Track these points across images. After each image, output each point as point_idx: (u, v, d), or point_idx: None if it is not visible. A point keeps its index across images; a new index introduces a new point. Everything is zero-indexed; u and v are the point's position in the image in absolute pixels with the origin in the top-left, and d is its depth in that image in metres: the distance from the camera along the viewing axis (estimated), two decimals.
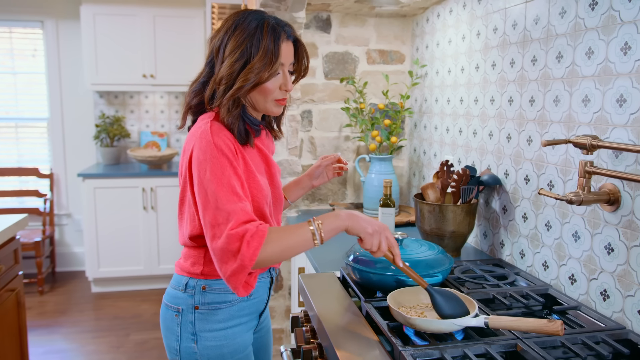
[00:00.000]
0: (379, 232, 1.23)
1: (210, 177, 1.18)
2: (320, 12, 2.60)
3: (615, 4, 1.29)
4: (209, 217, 1.17)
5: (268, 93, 1.28)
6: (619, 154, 1.28)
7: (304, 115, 2.65)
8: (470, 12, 2.03)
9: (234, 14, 1.29)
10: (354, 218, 1.23)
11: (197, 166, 1.20)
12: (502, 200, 1.82)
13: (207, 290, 1.33)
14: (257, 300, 1.41)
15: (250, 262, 1.13)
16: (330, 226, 1.21)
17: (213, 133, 1.21)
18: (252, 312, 1.41)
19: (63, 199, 4.79)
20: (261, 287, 1.42)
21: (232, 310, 1.36)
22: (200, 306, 1.33)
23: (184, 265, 1.37)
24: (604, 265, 1.34)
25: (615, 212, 1.30)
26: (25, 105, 4.70)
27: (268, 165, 1.38)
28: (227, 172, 1.18)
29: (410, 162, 2.72)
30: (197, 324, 1.33)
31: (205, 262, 1.33)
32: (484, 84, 1.94)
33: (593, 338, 1.18)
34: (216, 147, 1.19)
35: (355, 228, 1.22)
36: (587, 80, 1.39)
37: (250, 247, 1.12)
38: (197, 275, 1.34)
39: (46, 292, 4.31)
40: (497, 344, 1.13)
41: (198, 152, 1.21)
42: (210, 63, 1.30)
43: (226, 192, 1.16)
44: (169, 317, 1.37)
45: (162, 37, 4.34)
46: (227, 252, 1.14)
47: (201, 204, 1.19)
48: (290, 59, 1.31)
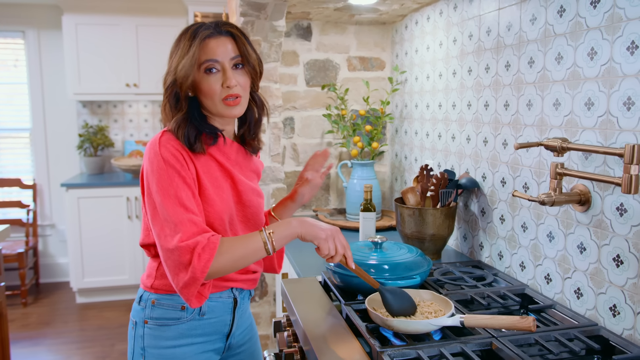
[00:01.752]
0: (332, 236, 1.25)
1: (157, 189, 1.19)
2: (300, 21, 2.63)
3: (581, 11, 1.33)
4: (157, 229, 1.18)
5: (210, 93, 1.25)
6: (589, 155, 1.32)
7: (286, 123, 2.67)
8: (447, 19, 2.07)
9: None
10: (305, 225, 1.24)
11: (146, 178, 1.23)
12: (480, 203, 1.86)
13: (155, 304, 1.32)
14: (214, 321, 1.35)
15: (202, 274, 1.13)
16: (281, 234, 1.23)
17: (161, 144, 1.22)
18: (208, 333, 1.35)
19: (46, 210, 4.75)
20: (219, 308, 1.36)
21: (181, 328, 1.32)
22: (149, 321, 1.31)
23: (142, 277, 1.38)
24: (577, 264, 1.38)
25: (586, 212, 1.34)
26: (7, 115, 4.67)
27: (234, 182, 1.33)
28: (174, 183, 1.19)
29: (392, 167, 2.76)
30: (145, 338, 1.32)
31: (157, 276, 1.32)
32: (461, 89, 1.98)
33: (566, 335, 1.22)
34: (163, 159, 1.20)
35: (308, 234, 1.24)
36: (558, 84, 1.43)
37: (201, 259, 1.13)
38: (149, 289, 1.33)
39: (30, 303, 4.27)
40: (472, 343, 1.15)
41: (146, 164, 1.23)
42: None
43: (172, 204, 1.17)
44: (129, 328, 1.38)
45: (145, 46, 4.34)
46: (179, 264, 1.14)
47: (150, 215, 1.21)
48: (229, 54, 1.25)
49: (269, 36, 2.35)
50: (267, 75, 2.48)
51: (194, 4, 4.02)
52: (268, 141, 2.53)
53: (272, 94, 2.51)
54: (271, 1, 2.11)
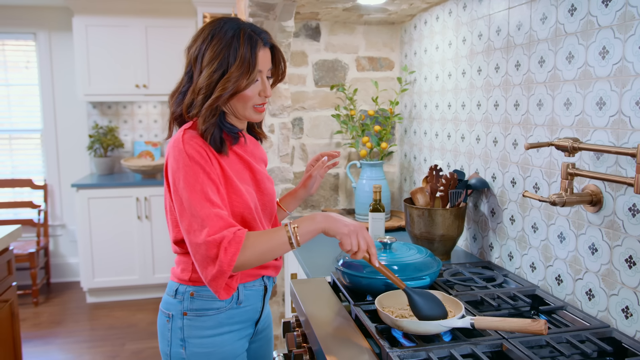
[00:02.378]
0: (355, 231, 1.25)
1: (184, 185, 1.20)
2: (309, 21, 2.63)
3: (593, 10, 1.32)
4: (185, 225, 1.21)
5: (247, 100, 1.30)
6: (600, 155, 1.31)
7: (295, 123, 2.68)
8: (456, 18, 2.06)
9: (210, 23, 1.30)
10: (329, 219, 1.25)
11: (172, 175, 1.24)
12: (490, 204, 1.85)
13: (195, 296, 1.35)
14: (248, 309, 1.41)
15: (229, 268, 1.16)
16: (306, 229, 1.24)
17: (184, 141, 1.23)
18: (243, 320, 1.41)
19: (57, 210, 4.79)
20: (253, 296, 1.42)
21: (220, 317, 1.36)
22: (188, 312, 1.35)
23: (175, 272, 1.40)
24: (589, 265, 1.37)
25: (597, 212, 1.33)
26: (18, 117, 4.72)
27: (252, 172, 1.39)
28: (199, 179, 1.21)
29: (401, 167, 2.75)
30: (185, 330, 1.35)
31: (193, 269, 1.35)
32: (470, 89, 1.97)
33: (578, 337, 1.20)
34: (187, 156, 1.22)
35: (332, 229, 1.25)
36: (569, 84, 1.42)
37: (227, 253, 1.16)
38: (186, 282, 1.36)
39: (41, 303, 4.30)
40: (482, 344, 1.15)
41: (172, 161, 1.24)
42: (189, 73, 1.31)
43: (199, 199, 1.19)
44: (162, 322, 1.40)
45: (155, 47, 4.37)
46: (206, 258, 1.17)
47: (178, 211, 1.23)
48: (268, 65, 1.32)
49: (278, 37, 2.35)
50: None
51: (203, 5, 4.03)
52: (277, 141, 2.54)
53: (281, 95, 2.51)
54: (280, 1, 2.11)
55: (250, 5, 2.16)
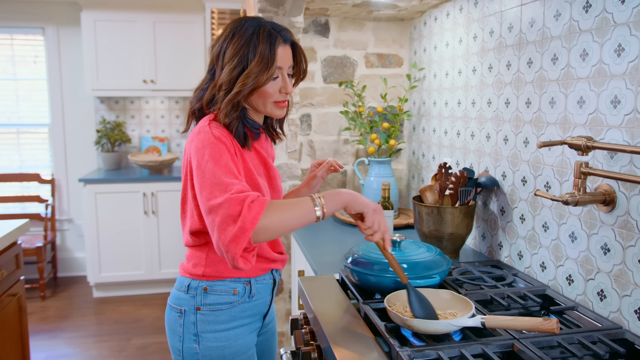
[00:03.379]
0: (379, 211, 1.26)
1: (208, 158, 1.20)
2: (318, 17, 2.61)
3: (608, 6, 1.30)
4: (206, 193, 1.17)
5: (268, 96, 1.30)
6: (614, 154, 1.29)
7: (303, 119, 2.67)
8: (467, 15, 2.04)
9: (233, 22, 1.33)
10: (354, 195, 1.26)
11: (196, 153, 1.23)
12: (500, 202, 1.83)
13: (208, 291, 1.36)
14: (259, 302, 1.43)
15: (252, 226, 1.10)
16: (331, 200, 1.22)
17: (211, 127, 1.25)
18: (255, 314, 1.42)
19: (64, 204, 4.80)
20: (263, 289, 1.43)
21: (234, 311, 1.37)
22: (202, 307, 1.35)
23: (186, 267, 1.40)
24: (601, 265, 1.35)
25: (610, 212, 1.31)
26: (26, 111, 4.73)
27: (267, 169, 1.40)
28: (224, 155, 1.21)
29: (410, 164, 2.74)
30: (199, 324, 1.35)
31: (207, 264, 1.36)
32: (481, 86, 1.95)
33: (590, 338, 1.19)
34: (214, 136, 1.23)
35: (357, 204, 1.24)
36: (582, 81, 1.40)
37: (251, 210, 1.12)
38: (199, 277, 1.36)
39: (48, 297, 4.32)
40: (493, 344, 1.14)
41: (197, 143, 1.24)
42: (211, 70, 1.33)
43: (224, 171, 1.18)
44: (172, 318, 1.40)
45: (162, 42, 4.36)
46: (227, 218, 1.12)
47: (199, 184, 1.20)
48: (289, 62, 1.33)
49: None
50: None
51: (212, 0, 4.02)
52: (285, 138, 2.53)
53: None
54: None
55: (260, 0, 2.15)
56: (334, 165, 1.62)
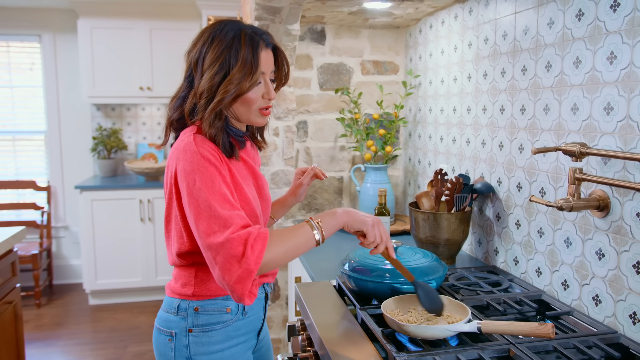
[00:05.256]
0: (377, 223, 1.24)
1: (201, 185, 1.14)
2: (314, 24, 2.63)
3: (600, 15, 1.32)
4: (203, 227, 1.12)
5: (251, 103, 1.25)
6: (608, 160, 1.31)
7: (300, 126, 2.68)
8: (462, 23, 2.06)
9: (210, 26, 1.26)
10: (350, 213, 1.23)
11: (185, 177, 1.17)
12: (495, 208, 1.84)
13: (199, 311, 1.29)
14: (253, 318, 1.37)
15: (256, 266, 1.08)
16: (329, 224, 1.20)
17: (197, 144, 1.18)
18: (249, 331, 1.37)
19: (60, 212, 4.79)
20: (256, 305, 1.38)
21: (228, 330, 1.31)
22: (193, 329, 1.29)
23: (174, 287, 1.33)
24: (596, 270, 1.36)
25: (605, 218, 1.33)
26: (22, 118, 4.73)
27: (255, 178, 1.35)
28: (216, 180, 1.15)
29: (406, 171, 2.75)
30: (192, 347, 1.29)
31: (196, 283, 1.29)
32: (476, 93, 1.97)
33: (585, 342, 1.20)
34: (202, 157, 1.16)
35: (355, 223, 1.22)
36: (576, 89, 1.42)
37: (254, 250, 1.08)
38: (189, 297, 1.29)
39: (43, 304, 4.30)
40: (490, 349, 1.14)
41: (184, 164, 1.17)
42: (189, 77, 1.27)
43: (219, 200, 1.13)
44: (162, 341, 1.32)
45: (159, 49, 4.38)
46: (230, 258, 1.08)
47: (193, 214, 1.14)
48: (271, 67, 1.29)
49: (283, 40, 2.36)
50: None
51: (208, 8, 4.04)
52: (281, 144, 2.54)
53: (286, 98, 2.51)
54: (286, 5, 2.12)
55: (257, 8, 2.16)
56: (318, 173, 1.59)
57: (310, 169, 1.59)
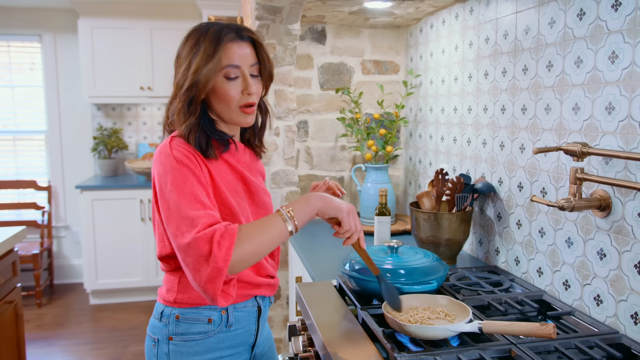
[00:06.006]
0: (352, 212, 1.21)
1: (171, 187, 1.12)
2: (315, 24, 2.63)
3: (602, 14, 1.32)
4: (172, 228, 1.10)
5: (229, 100, 1.22)
6: (609, 160, 1.30)
7: (300, 126, 2.67)
8: (463, 22, 2.06)
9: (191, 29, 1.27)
10: (325, 199, 1.19)
11: (159, 180, 1.16)
12: (496, 208, 1.84)
13: (180, 319, 1.26)
14: (240, 332, 1.32)
15: (225, 264, 1.04)
16: (303, 211, 1.16)
17: (172, 147, 1.17)
18: (236, 345, 1.32)
19: (61, 211, 4.79)
20: (245, 318, 1.33)
21: (209, 342, 1.27)
22: (174, 337, 1.26)
23: (161, 292, 1.32)
24: (597, 270, 1.36)
25: (606, 217, 1.32)
26: (23, 118, 4.73)
27: (246, 184, 1.30)
28: (188, 181, 1.13)
29: (406, 171, 2.75)
30: (171, 356, 1.26)
31: (179, 289, 1.27)
32: (477, 93, 1.96)
33: (587, 343, 1.20)
34: (175, 159, 1.15)
35: (330, 210, 1.19)
36: (577, 88, 1.41)
37: (221, 247, 1.04)
38: (171, 304, 1.27)
39: (44, 304, 4.30)
40: (491, 350, 1.14)
41: (158, 167, 1.17)
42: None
43: (189, 201, 1.10)
44: (148, 347, 1.31)
45: (159, 49, 4.37)
46: (198, 258, 1.05)
47: (165, 216, 1.13)
48: (249, 61, 1.23)
49: (284, 40, 2.36)
50: (282, 79, 2.48)
51: (208, 7, 4.04)
52: (282, 144, 2.54)
53: (287, 98, 2.51)
54: (287, 5, 2.12)
55: (257, 8, 2.16)
56: (333, 188, 1.54)
57: (322, 184, 1.55)
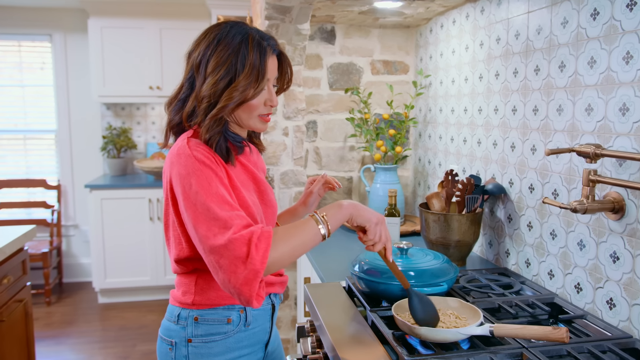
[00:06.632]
0: (381, 222, 1.21)
1: (197, 189, 1.10)
2: (324, 24, 2.62)
3: (616, 14, 1.30)
4: (202, 230, 1.08)
5: (253, 110, 1.22)
6: (623, 162, 1.29)
7: (309, 126, 2.67)
8: (473, 22, 2.04)
9: (215, 27, 1.22)
10: (357, 206, 1.20)
11: (181, 182, 1.13)
12: (507, 209, 1.82)
13: (199, 321, 1.25)
14: (257, 330, 1.32)
15: (262, 266, 1.04)
16: (335, 217, 1.17)
17: (191, 148, 1.15)
18: (253, 344, 1.32)
19: (70, 210, 4.82)
20: (261, 316, 1.33)
21: (229, 342, 1.27)
22: (193, 339, 1.25)
23: (176, 295, 1.30)
24: (610, 273, 1.34)
25: (620, 220, 1.30)
26: (33, 117, 4.76)
27: (257, 183, 1.30)
28: (213, 182, 1.12)
29: (415, 171, 2.73)
30: (191, 358, 1.25)
31: (197, 291, 1.26)
32: (487, 93, 1.95)
33: (599, 347, 1.18)
34: (197, 160, 1.13)
35: (359, 217, 1.19)
36: (590, 89, 1.40)
37: (259, 249, 1.04)
38: (189, 306, 1.26)
39: (53, 302, 4.33)
40: (502, 353, 1.13)
41: (179, 168, 1.14)
42: (190, 79, 1.23)
43: (217, 202, 1.09)
44: (163, 350, 1.30)
45: (169, 49, 4.39)
46: (235, 260, 1.04)
47: (192, 219, 1.10)
48: (275, 73, 1.26)
49: (293, 39, 2.35)
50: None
51: (218, 7, 4.04)
52: (291, 144, 2.53)
53: (296, 98, 2.50)
54: (296, 4, 2.11)
55: (267, 8, 2.16)
56: (331, 182, 1.55)
57: (320, 177, 1.56)
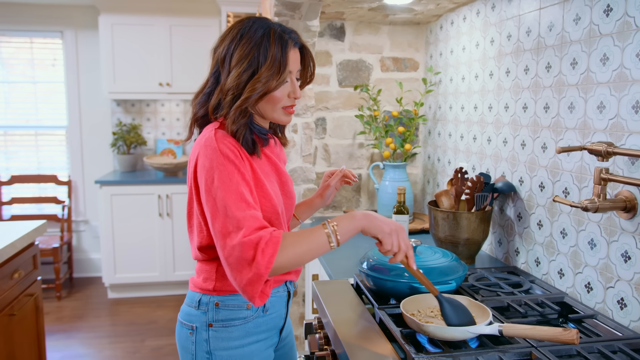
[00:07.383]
0: (396, 231, 1.20)
1: (219, 184, 1.15)
2: (334, 21, 2.61)
3: (630, 10, 1.28)
4: (218, 226, 1.14)
5: (276, 102, 1.26)
6: (635, 160, 1.27)
7: (318, 123, 2.66)
8: (484, 19, 2.03)
9: (238, 22, 1.27)
10: (370, 218, 1.20)
11: (204, 174, 1.17)
12: (516, 208, 1.81)
13: (220, 306, 1.30)
14: (274, 316, 1.37)
15: (266, 271, 1.09)
16: (346, 228, 1.18)
17: (218, 140, 1.19)
18: (270, 329, 1.36)
19: (81, 206, 4.86)
20: (277, 302, 1.37)
21: (248, 327, 1.31)
22: (214, 323, 1.29)
23: (196, 281, 1.34)
24: (621, 273, 1.33)
25: (631, 219, 1.29)
26: (45, 113, 4.79)
27: (279, 175, 1.34)
28: (234, 178, 1.16)
29: (425, 169, 2.72)
30: (211, 342, 1.29)
31: (217, 278, 1.30)
32: (498, 90, 1.93)
33: (610, 347, 1.17)
34: (222, 154, 1.17)
35: (372, 228, 1.19)
36: (602, 86, 1.38)
37: (265, 254, 1.09)
38: (210, 292, 1.30)
39: (64, 297, 4.37)
40: (511, 352, 1.12)
41: (204, 160, 1.18)
42: (215, 73, 1.27)
43: (235, 200, 1.13)
44: (184, 335, 1.34)
45: (179, 45, 4.40)
46: (242, 261, 1.09)
47: (210, 212, 1.16)
48: (298, 66, 1.29)
49: (303, 36, 2.34)
50: None
51: (227, 4, 4.05)
52: (300, 141, 2.53)
53: (305, 94, 2.50)
54: (306, 1, 2.11)
55: (276, 4, 2.15)
56: (348, 176, 1.57)
57: (339, 171, 1.57)
